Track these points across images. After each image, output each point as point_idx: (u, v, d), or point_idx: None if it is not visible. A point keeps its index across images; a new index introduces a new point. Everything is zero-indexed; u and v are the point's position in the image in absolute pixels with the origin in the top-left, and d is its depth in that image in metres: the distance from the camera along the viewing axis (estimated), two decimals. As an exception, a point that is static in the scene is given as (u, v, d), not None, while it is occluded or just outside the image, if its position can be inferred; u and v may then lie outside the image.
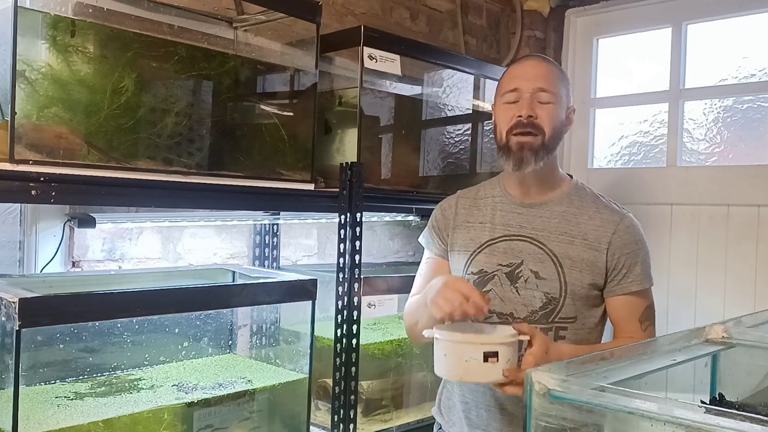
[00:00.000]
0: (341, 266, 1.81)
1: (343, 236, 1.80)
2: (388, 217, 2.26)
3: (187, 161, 1.55)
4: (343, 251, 1.81)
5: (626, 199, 2.54)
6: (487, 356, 1.20)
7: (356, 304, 1.80)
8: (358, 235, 1.80)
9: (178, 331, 1.71)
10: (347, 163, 1.81)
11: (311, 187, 1.77)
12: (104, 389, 1.52)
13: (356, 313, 1.81)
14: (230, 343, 1.90)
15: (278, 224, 2.09)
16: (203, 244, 1.99)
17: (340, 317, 1.80)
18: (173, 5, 1.73)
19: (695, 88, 2.66)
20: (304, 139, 1.79)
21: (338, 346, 1.80)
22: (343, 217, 1.80)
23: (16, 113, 1.27)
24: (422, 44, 2.27)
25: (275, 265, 2.09)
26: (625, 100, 2.87)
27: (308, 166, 1.78)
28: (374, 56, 1.87)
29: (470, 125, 2.36)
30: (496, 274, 1.49)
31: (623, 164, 2.87)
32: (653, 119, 2.78)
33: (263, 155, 1.73)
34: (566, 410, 0.88)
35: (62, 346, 1.49)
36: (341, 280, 1.81)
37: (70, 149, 1.36)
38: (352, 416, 1.83)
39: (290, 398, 1.72)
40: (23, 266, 1.63)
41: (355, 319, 1.81)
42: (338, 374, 1.81)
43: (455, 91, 2.31)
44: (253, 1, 1.79)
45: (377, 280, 1.87)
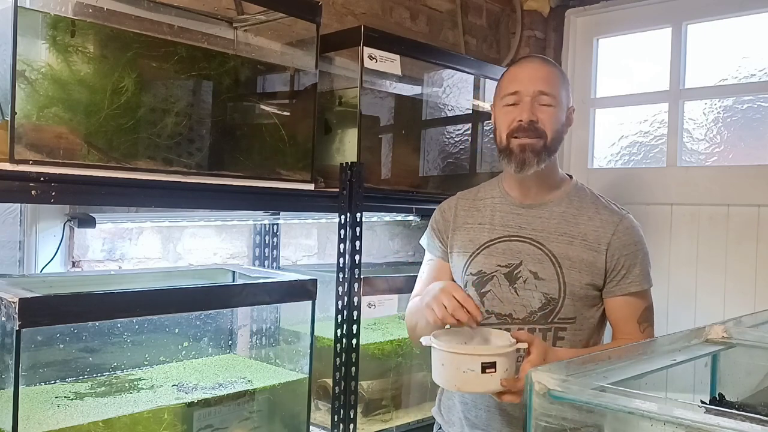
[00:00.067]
0: (341, 266, 1.81)
1: (343, 236, 1.80)
2: (388, 217, 2.26)
3: (187, 161, 1.55)
4: (343, 251, 1.81)
5: (626, 199, 2.54)
6: (484, 367, 1.20)
7: (356, 304, 1.80)
8: (358, 235, 1.80)
9: (178, 331, 1.71)
10: (347, 163, 1.81)
11: (311, 187, 1.77)
12: (104, 389, 1.52)
13: (356, 313, 1.81)
14: (230, 343, 1.90)
15: (278, 224, 2.09)
16: (203, 244, 1.99)
17: (340, 317, 1.80)
18: (173, 5, 1.73)
19: (695, 88, 2.66)
20: (304, 139, 1.79)
21: (338, 346, 1.80)
22: (343, 217, 1.80)
23: (16, 113, 1.28)
24: (422, 44, 2.27)
25: (275, 265, 2.09)
26: (625, 100, 2.87)
27: (308, 166, 1.78)
28: (374, 56, 1.87)
29: (470, 125, 2.36)
30: (494, 274, 1.49)
31: (623, 164, 2.87)
32: (653, 119, 2.78)
33: (263, 155, 1.73)
34: (566, 410, 0.88)
35: (62, 346, 1.49)
36: (341, 280, 1.81)
37: (70, 149, 1.36)
38: (352, 416, 1.83)
39: (290, 398, 1.72)
40: (23, 266, 1.63)
41: (355, 319, 1.81)
42: (338, 374, 1.81)
43: (455, 91, 2.31)
44: (253, 1, 1.79)
45: (377, 280, 1.87)
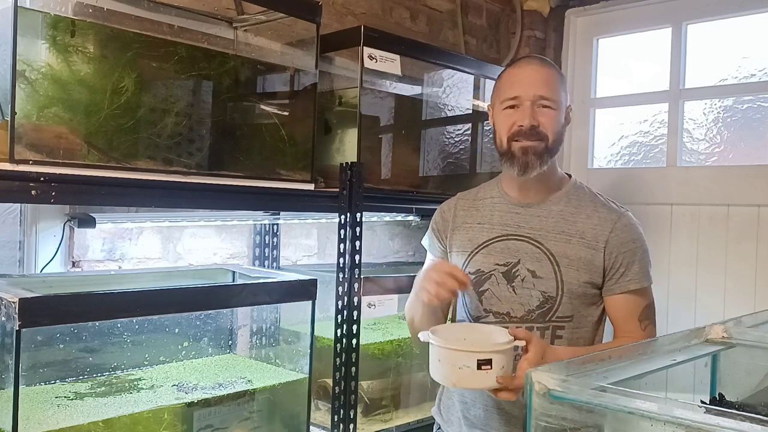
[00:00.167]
0: (341, 266, 1.81)
1: (343, 236, 1.80)
2: (388, 217, 2.26)
3: (187, 161, 1.55)
4: (343, 251, 1.81)
5: (626, 199, 2.54)
6: (480, 364, 1.20)
7: (356, 304, 1.80)
8: (358, 235, 1.80)
9: (178, 331, 1.71)
10: (347, 163, 1.81)
11: (311, 187, 1.77)
12: (104, 389, 1.52)
13: (356, 313, 1.81)
14: (230, 343, 1.90)
15: (278, 224, 2.09)
16: (203, 244, 1.99)
17: (340, 317, 1.80)
18: (173, 5, 1.73)
19: (695, 88, 2.66)
20: (304, 139, 1.79)
21: (338, 346, 1.80)
22: (343, 217, 1.80)
23: (16, 113, 1.28)
24: (422, 44, 2.27)
25: (275, 265, 2.09)
26: (625, 100, 2.87)
27: (308, 166, 1.78)
28: (374, 56, 1.87)
29: (470, 125, 2.36)
30: (492, 273, 1.50)
31: (623, 164, 2.87)
32: (653, 119, 2.78)
33: (263, 155, 1.73)
34: (566, 410, 0.88)
35: (62, 346, 1.49)
36: (341, 280, 1.81)
37: (70, 149, 1.36)
38: (352, 416, 1.83)
39: (290, 398, 1.72)
40: (23, 266, 1.63)
41: (355, 319, 1.81)
42: (338, 374, 1.81)
43: (455, 91, 2.31)
44: (253, 1, 1.79)
45: (377, 280, 1.87)
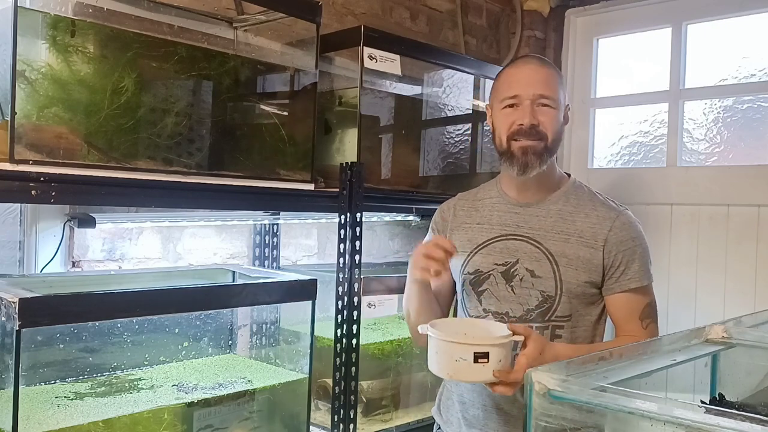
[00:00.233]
0: (341, 266, 1.81)
1: (343, 236, 1.80)
2: (388, 217, 2.26)
3: (187, 161, 1.55)
4: (343, 251, 1.81)
5: (626, 199, 2.53)
6: (477, 357, 1.20)
7: (356, 304, 1.80)
8: (358, 235, 1.80)
9: (178, 331, 1.71)
10: (347, 163, 1.81)
11: (311, 187, 1.77)
12: (104, 389, 1.52)
13: (356, 313, 1.81)
14: (230, 343, 1.90)
15: (278, 224, 2.09)
16: (203, 244, 1.99)
17: (340, 317, 1.80)
18: (173, 5, 1.73)
19: (695, 88, 2.66)
20: (304, 139, 1.79)
21: (338, 346, 1.80)
22: (343, 217, 1.80)
23: (16, 113, 1.28)
24: (422, 44, 2.27)
25: (275, 265, 2.09)
26: (625, 100, 2.87)
27: (308, 166, 1.78)
28: (374, 56, 1.87)
29: (470, 125, 2.36)
30: (491, 273, 1.50)
31: (623, 164, 2.87)
32: (653, 119, 2.78)
33: (263, 155, 1.73)
34: (566, 410, 0.87)
35: (62, 346, 1.49)
36: (341, 280, 1.81)
37: (70, 149, 1.36)
38: (352, 416, 1.83)
39: (290, 398, 1.72)
40: (23, 266, 1.63)
41: (355, 319, 1.81)
42: (338, 374, 1.81)
43: (455, 91, 2.31)
44: (253, 1, 1.79)
45: (377, 280, 1.87)
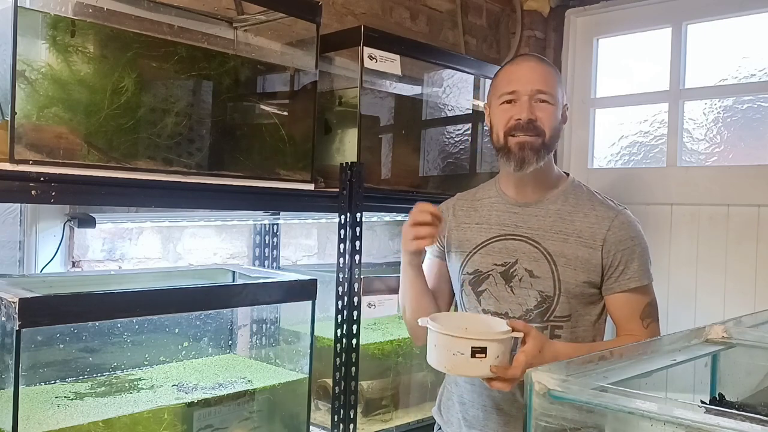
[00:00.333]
0: (341, 266, 1.81)
1: (343, 236, 1.80)
2: (388, 217, 2.26)
3: (187, 161, 1.55)
4: (343, 251, 1.81)
5: (626, 199, 2.53)
6: (474, 352, 1.20)
7: (356, 304, 1.80)
8: (358, 235, 1.80)
9: (178, 331, 1.71)
10: (347, 163, 1.81)
11: (311, 187, 1.77)
12: (104, 389, 1.52)
13: (356, 313, 1.81)
14: (230, 343, 1.90)
15: (278, 224, 2.09)
16: (203, 244, 1.99)
17: (340, 317, 1.80)
18: (173, 5, 1.73)
19: (695, 88, 2.66)
20: (304, 139, 1.79)
21: (338, 346, 1.80)
22: (343, 217, 1.80)
23: (16, 113, 1.27)
24: (422, 44, 2.27)
25: (275, 265, 2.09)
26: (625, 100, 2.87)
27: (308, 166, 1.78)
28: (374, 56, 1.87)
29: (470, 125, 2.36)
30: (491, 273, 1.50)
31: (623, 164, 2.87)
32: (653, 119, 2.78)
33: (263, 155, 1.73)
34: (566, 410, 0.87)
35: (62, 346, 1.49)
36: (341, 280, 1.81)
37: (70, 149, 1.36)
38: (352, 416, 1.83)
39: (290, 398, 1.72)
40: (23, 266, 1.63)
41: (355, 319, 1.81)
42: (338, 374, 1.81)
43: (455, 91, 2.31)
44: (253, 1, 1.79)
45: (377, 280, 1.86)
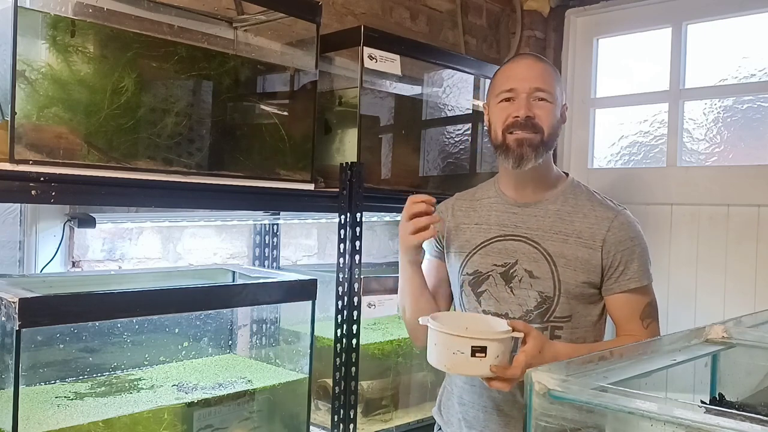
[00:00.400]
0: (341, 266, 1.80)
1: (343, 236, 1.80)
2: (388, 217, 2.26)
3: (187, 161, 1.55)
4: (343, 251, 1.81)
5: (626, 199, 2.54)
6: (474, 351, 1.20)
7: (356, 304, 1.80)
8: (358, 235, 1.80)
9: (178, 331, 1.71)
10: (347, 163, 1.81)
11: (311, 187, 1.77)
12: (104, 389, 1.52)
13: (356, 313, 1.81)
14: (230, 343, 1.90)
15: (278, 224, 2.09)
16: (203, 244, 1.99)
17: (340, 317, 1.80)
18: (173, 5, 1.73)
19: (695, 88, 2.66)
20: (304, 139, 1.79)
21: (338, 346, 1.80)
22: (343, 217, 1.80)
23: (16, 113, 1.28)
24: (422, 44, 2.27)
25: (275, 265, 2.09)
26: (625, 100, 2.87)
27: (308, 166, 1.78)
28: (374, 56, 1.87)
29: (470, 125, 2.36)
30: (490, 274, 1.49)
31: (623, 164, 2.87)
32: (653, 119, 2.78)
33: (263, 155, 1.73)
34: (566, 410, 0.87)
35: (62, 346, 1.49)
36: (341, 280, 1.81)
37: (70, 149, 1.36)
38: (352, 416, 1.83)
39: (290, 398, 1.72)
40: (23, 266, 1.63)
41: (355, 319, 1.81)
42: (338, 374, 1.81)
43: (455, 91, 2.31)
44: (253, 1, 1.79)
45: (377, 280, 1.87)
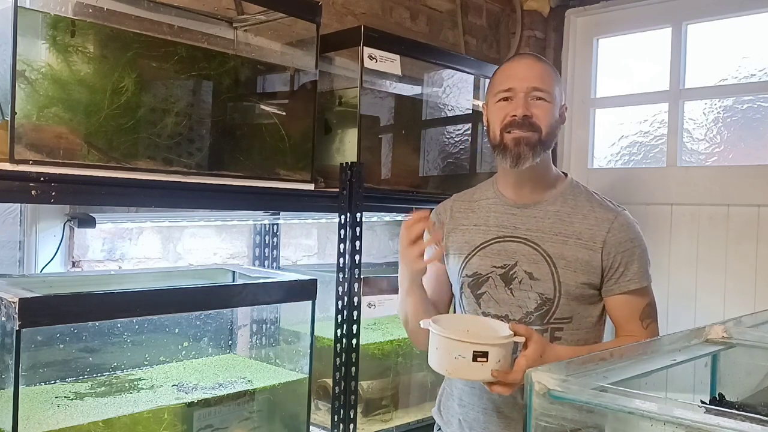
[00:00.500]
0: (341, 266, 1.81)
1: (343, 236, 1.80)
2: (388, 217, 2.26)
3: (187, 161, 1.55)
4: (343, 251, 1.81)
5: (626, 199, 2.54)
6: (476, 356, 1.20)
7: (356, 304, 1.80)
8: (358, 235, 1.80)
9: (178, 331, 1.71)
10: (347, 163, 1.81)
11: (311, 187, 1.77)
12: (104, 389, 1.52)
13: (356, 313, 1.81)
14: (230, 343, 1.90)
15: (278, 224, 2.09)
16: (203, 244, 1.99)
17: (340, 317, 1.80)
18: (173, 5, 1.73)
19: (695, 88, 2.66)
20: (304, 139, 1.79)
21: (338, 346, 1.80)
22: (343, 217, 1.80)
23: (16, 113, 1.28)
24: (422, 44, 2.27)
25: (275, 265, 2.09)
26: (625, 100, 2.87)
27: (308, 166, 1.78)
28: (374, 56, 1.87)
29: (470, 125, 2.36)
30: (490, 276, 1.49)
31: (623, 164, 2.87)
32: (653, 119, 2.78)
33: (263, 155, 1.73)
34: (566, 410, 0.87)
35: (62, 346, 1.49)
36: (341, 280, 1.81)
37: (70, 149, 1.36)
38: (352, 416, 1.83)
39: (290, 398, 1.72)
40: (23, 266, 1.63)
41: (355, 319, 1.81)
42: (338, 374, 1.81)
43: (455, 91, 2.31)
44: (253, 1, 1.79)
45: (377, 280, 1.87)
